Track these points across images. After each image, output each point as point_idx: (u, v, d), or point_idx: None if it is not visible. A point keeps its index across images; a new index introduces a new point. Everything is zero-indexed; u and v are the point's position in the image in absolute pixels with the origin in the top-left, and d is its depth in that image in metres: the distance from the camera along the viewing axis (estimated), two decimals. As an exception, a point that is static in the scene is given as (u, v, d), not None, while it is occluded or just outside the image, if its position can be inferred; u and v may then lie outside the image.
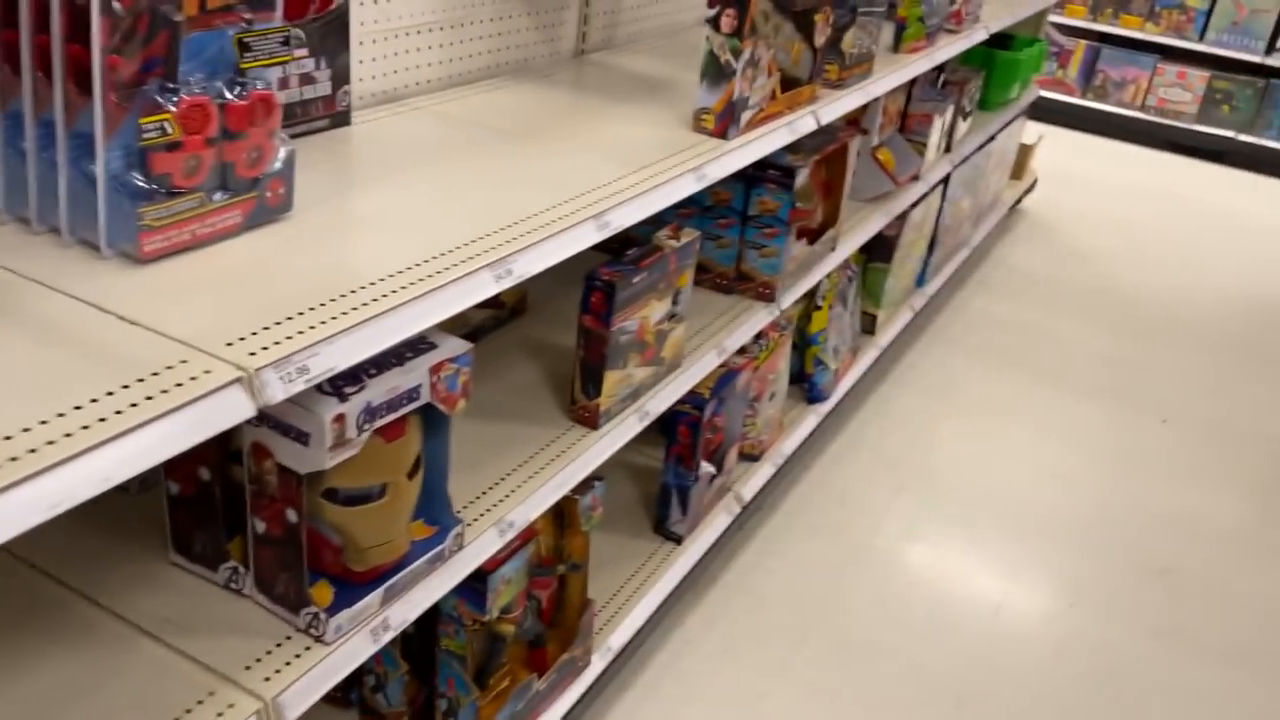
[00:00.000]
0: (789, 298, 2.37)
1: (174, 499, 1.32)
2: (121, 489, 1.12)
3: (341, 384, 1.17)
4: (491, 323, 2.09)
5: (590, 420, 1.77)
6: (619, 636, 2.10)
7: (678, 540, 2.37)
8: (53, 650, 1.22)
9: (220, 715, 1.15)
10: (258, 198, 1.26)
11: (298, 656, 1.24)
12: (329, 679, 1.25)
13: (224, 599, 1.32)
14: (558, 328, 2.12)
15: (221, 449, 1.27)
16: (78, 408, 0.90)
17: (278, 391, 1.02)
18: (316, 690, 1.23)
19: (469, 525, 1.49)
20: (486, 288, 1.29)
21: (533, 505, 1.62)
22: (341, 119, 1.69)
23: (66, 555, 1.36)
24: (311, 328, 1.09)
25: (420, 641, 1.76)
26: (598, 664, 2.03)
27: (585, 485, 1.81)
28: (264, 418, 1.16)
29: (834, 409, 3.09)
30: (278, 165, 1.27)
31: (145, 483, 1.47)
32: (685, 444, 2.27)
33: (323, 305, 1.14)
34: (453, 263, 1.29)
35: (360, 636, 1.30)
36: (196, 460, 1.27)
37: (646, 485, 2.48)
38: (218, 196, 1.21)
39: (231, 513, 1.29)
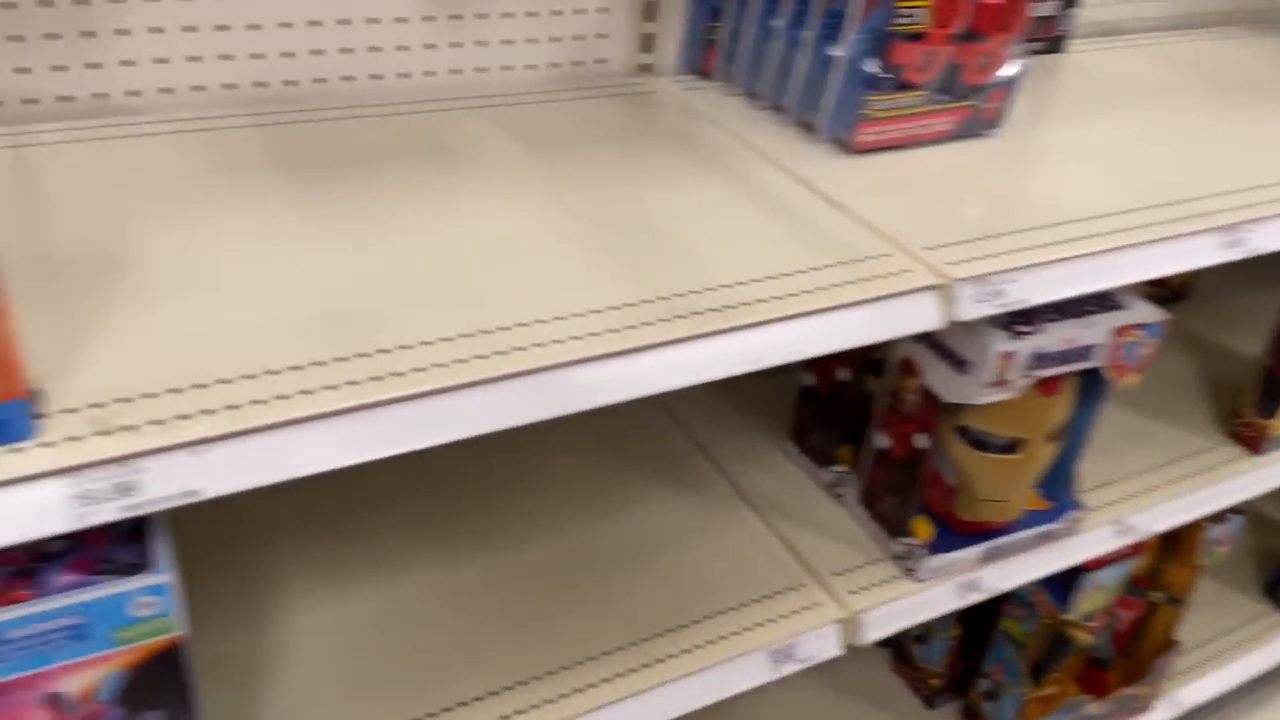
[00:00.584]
0: None
1: (806, 390, 1.34)
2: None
3: (1016, 321, 1.07)
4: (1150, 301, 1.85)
5: (1254, 442, 1.49)
6: (1193, 694, 1.80)
7: (1294, 613, 1.97)
8: (667, 495, 1.31)
9: (805, 610, 1.15)
10: (975, 107, 1.19)
11: (885, 582, 1.20)
12: (909, 617, 1.20)
13: (823, 500, 1.32)
14: (1225, 324, 1.82)
15: (864, 354, 1.25)
16: (786, 274, 0.91)
17: (969, 309, 0.95)
18: (895, 623, 1.19)
19: (1086, 514, 1.33)
20: (1209, 253, 1.10)
21: (1160, 516, 1.40)
22: (1056, 44, 1.56)
23: (701, 413, 1.45)
24: (1010, 252, 1.00)
25: (981, 612, 1.65)
26: (1161, 714, 1.77)
27: (1221, 515, 1.54)
28: (927, 336, 1.11)
29: None
30: (1004, 76, 1.19)
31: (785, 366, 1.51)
32: (1346, 507, 1.85)
33: (1022, 232, 1.04)
34: (1171, 217, 1.11)
35: (947, 587, 1.23)
36: (841, 359, 1.26)
37: (1267, 539, 2.09)
38: (940, 97, 1.16)
39: (854, 419, 1.27)
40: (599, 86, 1.30)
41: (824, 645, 1.14)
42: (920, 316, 0.93)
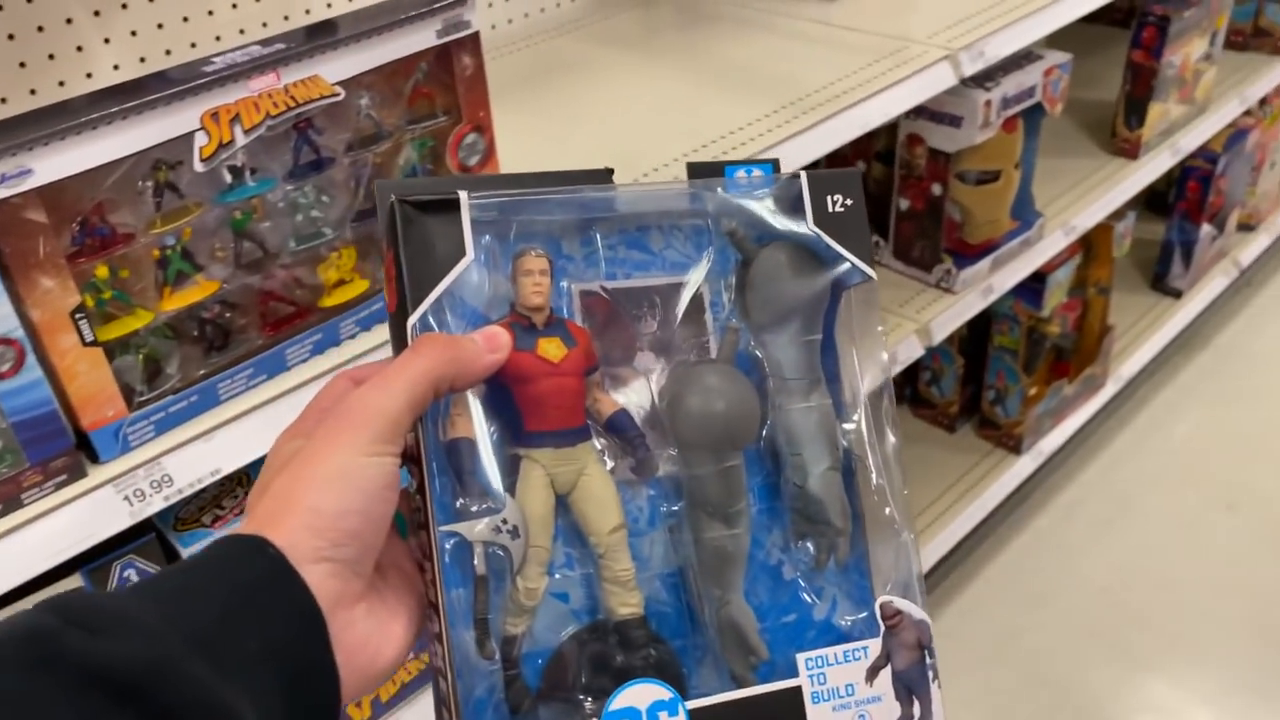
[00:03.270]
0: (1309, 52, 2.41)
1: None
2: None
3: (982, 80, 1.52)
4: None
5: (1131, 151, 2.01)
6: (1130, 367, 2.35)
7: (1177, 295, 2.55)
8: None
9: (893, 329, 1.58)
10: (902, -53, 1.63)
11: (935, 300, 1.65)
12: (955, 320, 1.65)
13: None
14: (1095, 76, 2.32)
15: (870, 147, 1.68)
16: (850, 74, 1.33)
17: (967, 68, 1.39)
18: (948, 326, 1.64)
19: (1046, 220, 1.81)
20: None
21: (1087, 216, 1.90)
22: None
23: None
24: (980, 25, 1.44)
25: (974, 343, 2.13)
26: (1111, 387, 2.31)
27: (1121, 213, 2.06)
28: (920, 111, 1.54)
29: (1332, 188, 3.03)
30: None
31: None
32: (1194, 199, 2.43)
33: (981, 11, 1.49)
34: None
35: (974, 293, 1.69)
36: (864, 150, 1.69)
37: (1140, 254, 2.65)
38: (882, -56, 1.59)
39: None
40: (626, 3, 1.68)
41: (912, 349, 1.58)
42: (942, 78, 1.37)
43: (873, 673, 0.52)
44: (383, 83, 0.97)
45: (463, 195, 0.50)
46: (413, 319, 0.49)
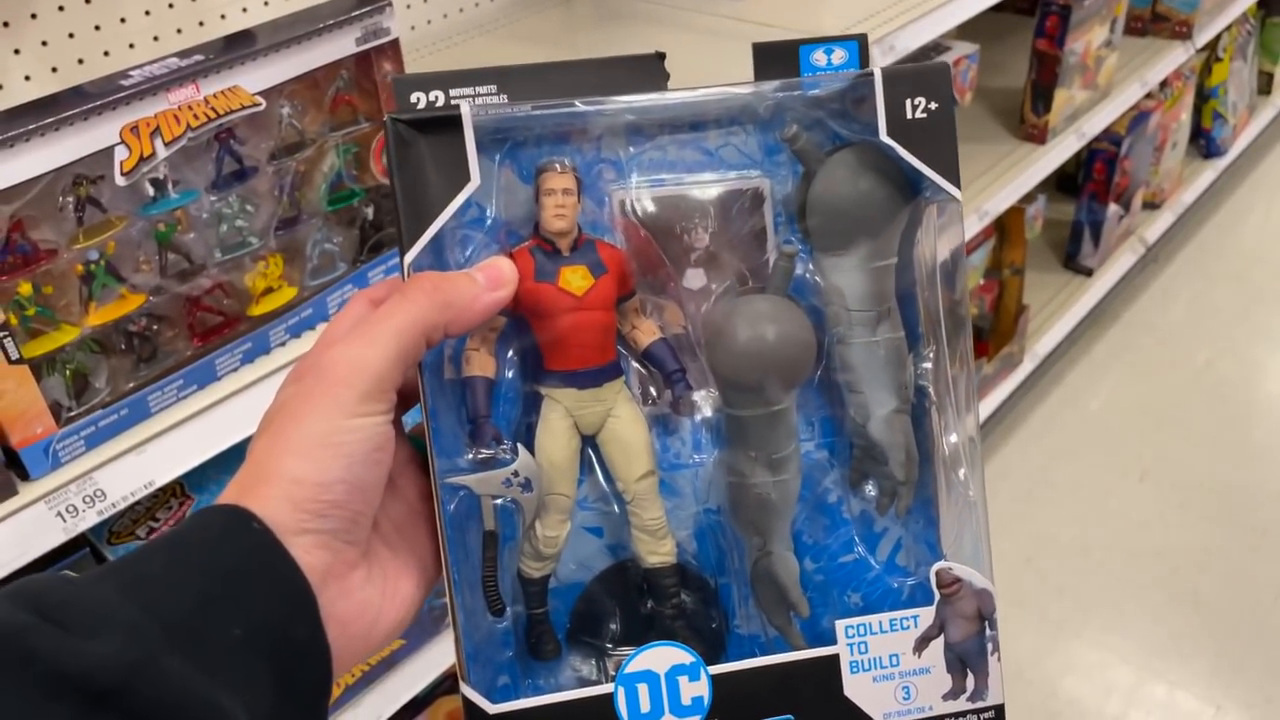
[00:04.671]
0: (1204, 36, 2.51)
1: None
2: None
3: (894, 73, 1.57)
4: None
5: (1039, 136, 2.08)
6: (1045, 344, 2.44)
7: (1088, 273, 2.65)
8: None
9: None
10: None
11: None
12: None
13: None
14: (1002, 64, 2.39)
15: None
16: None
17: (878, 61, 1.43)
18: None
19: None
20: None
21: (998, 201, 1.97)
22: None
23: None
24: (892, 19, 1.49)
25: (896, 326, 2.19)
26: (1028, 365, 2.39)
27: (1031, 196, 2.13)
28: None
29: (1230, 166, 3.17)
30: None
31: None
32: (1100, 181, 2.52)
33: (891, 7, 1.53)
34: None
35: (893, 279, 1.74)
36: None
37: (1052, 234, 2.74)
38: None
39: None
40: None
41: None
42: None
43: (922, 643, 0.47)
44: (304, 91, 0.97)
45: (465, 108, 0.44)
46: (410, 256, 0.44)
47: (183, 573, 0.38)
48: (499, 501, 0.45)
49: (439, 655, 1.25)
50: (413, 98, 0.45)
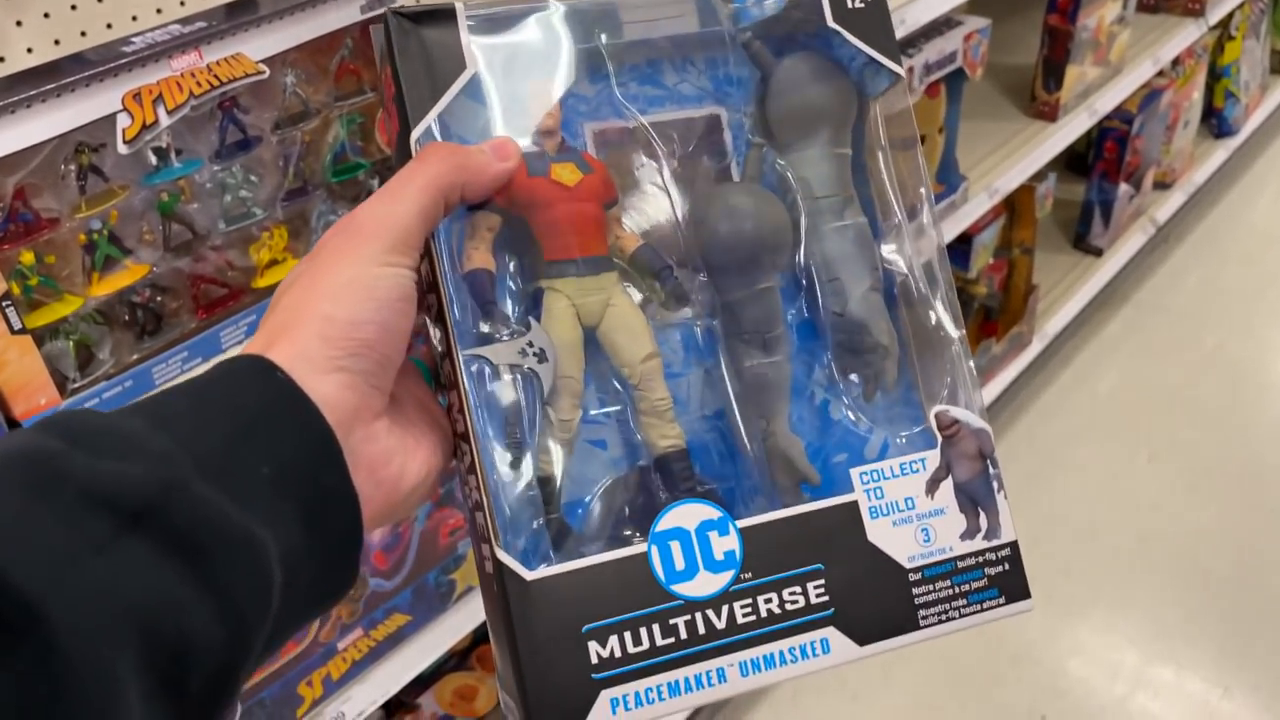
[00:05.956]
0: (1216, 14, 2.48)
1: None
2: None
3: (904, 46, 1.55)
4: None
5: (1050, 114, 2.06)
6: (1054, 324, 2.42)
7: (1098, 253, 2.63)
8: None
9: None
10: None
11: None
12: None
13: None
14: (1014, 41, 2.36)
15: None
16: None
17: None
18: (880, 288, 1.67)
19: (970, 183, 1.85)
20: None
21: (1009, 179, 1.95)
22: None
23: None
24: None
25: (904, 305, 2.18)
26: (1036, 345, 2.38)
27: (1042, 175, 2.11)
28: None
29: (1242, 145, 3.14)
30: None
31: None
32: (1111, 159, 2.50)
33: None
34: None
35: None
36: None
37: (1061, 214, 2.72)
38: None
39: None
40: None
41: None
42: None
43: (933, 485, 0.49)
44: (308, 60, 0.96)
45: (458, 5, 0.48)
46: (416, 132, 0.46)
47: (210, 413, 0.38)
48: (518, 370, 0.46)
49: (445, 632, 1.25)
50: None
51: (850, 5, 0.52)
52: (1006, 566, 0.50)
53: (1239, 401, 2.43)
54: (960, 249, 1.98)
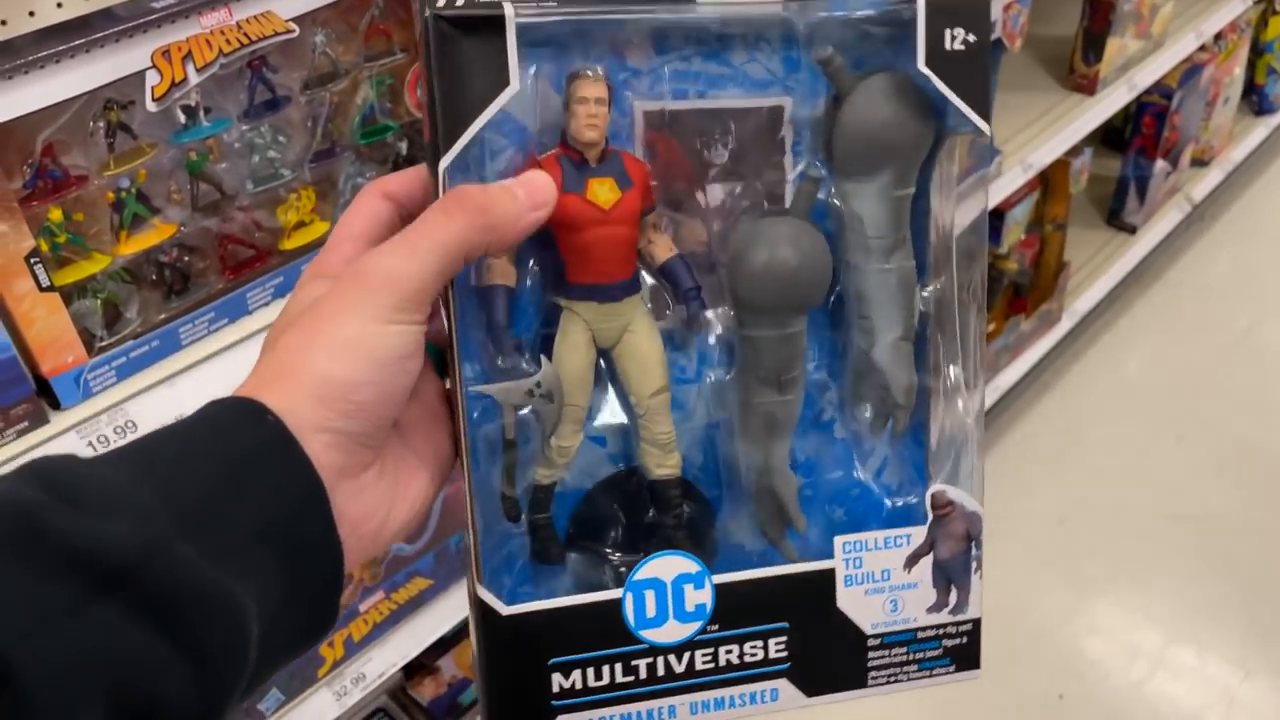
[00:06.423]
0: (1264, -13, 2.42)
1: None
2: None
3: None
4: None
5: (1089, 87, 2.02)
6: (1084, 302, 2.39)
7: (1131, 230, 2.59)
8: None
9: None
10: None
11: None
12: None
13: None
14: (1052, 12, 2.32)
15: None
16: None
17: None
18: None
19: (1004, 157, 1.82)
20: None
21: (1044, 153, 1.92)
22: None
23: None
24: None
25: (932, 279, 2.15)
26: (1066, 322, 2.35)
27: (1078, 149, 2.08)
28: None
29: (1283, 123, 3.07)
30: None
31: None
32: (1149, 135, 2.45)
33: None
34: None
35: (933, 231, 1.70)
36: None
37: (1095, 190, 2.67)
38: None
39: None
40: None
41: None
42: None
43: (913, 560, 0.49)
44: (338, 19, 0.95)
45: (508, 9, 0.42)
46: (445, 162, 0.43)
47: (194, 461, 0.38)
48: (521, 411, 0.46)
49: (466, 596, 1.25)
50: None
51: (949, 46, 0.46)
52: (964, 640, 0.51)
53: (1271, 384, 2.39)
54: (992, 224, 1.95)
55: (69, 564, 0.33)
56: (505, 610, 0.45)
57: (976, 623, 0.51)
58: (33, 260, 0.79)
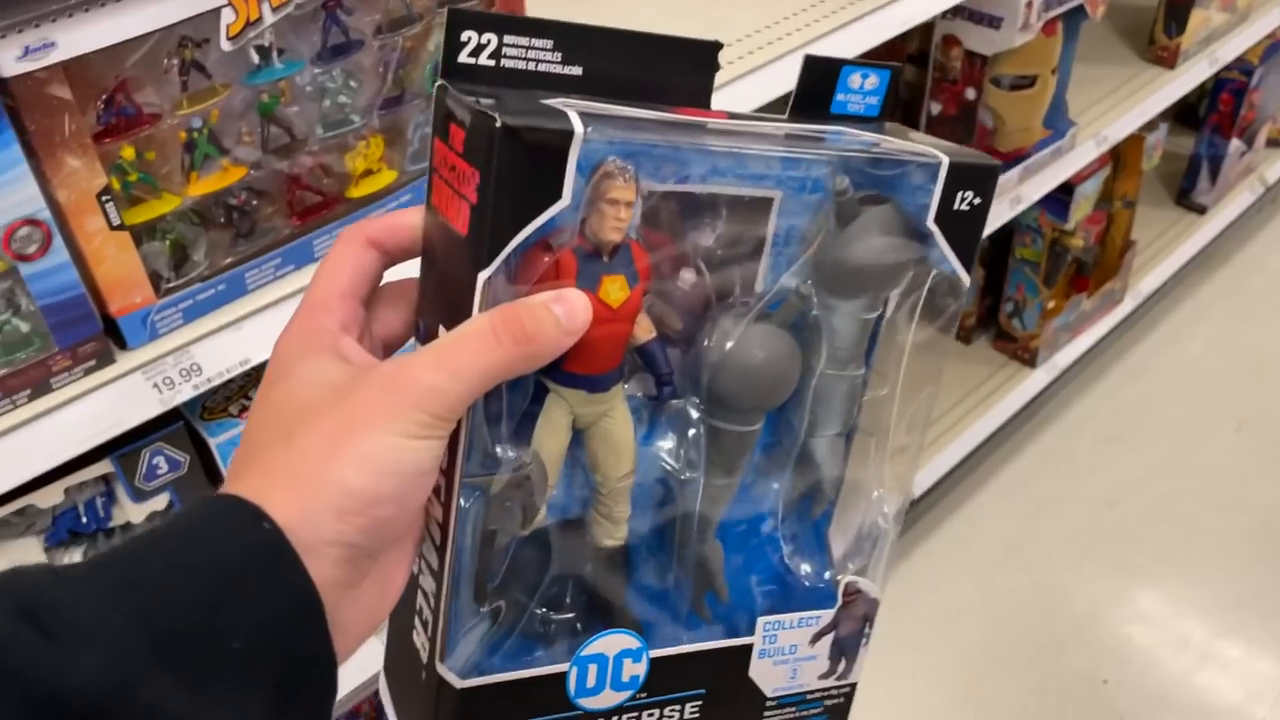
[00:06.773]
0: (1358, -39, 2.32)
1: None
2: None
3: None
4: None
5: (1169, 60, 1.95)
6: (1149, 283, 2.33)
7: (1201, 211, 2.51)
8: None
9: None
10: None
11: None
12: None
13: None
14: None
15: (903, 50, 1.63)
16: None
17: (1014, -35, 1.33)
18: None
19: (1079, 130, 1.77)
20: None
21: (1120, 127, 1.86)
22: None
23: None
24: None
25: (994, 254, 2.11)
26: (1129, 303, 2.29)
27: (1153, 124, 2.01)
28: (959, 10, 1.49)
29: (1365, 105, 2.96)
30: None
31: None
32: (1226, 112, 2.37)
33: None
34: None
35: (1000, 205, 1.66)
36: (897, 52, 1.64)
37: (1166, 168, 2.60)
38: None
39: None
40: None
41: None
42: (986, -23, 1.31)
43: (818, 637, 0.55)
44: (414, -38, 0.93)
45: (576, 125, 0.41)
46: (485, 274, 0.42)
47: (180, 575, 0.36)
48: (504, 502, 0.46)
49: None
50: (464, 36, 0.43)
51: (957, 206, 0.49)
52: (842, 700, 0.58)
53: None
54: (1061, 198, 1.90)
55: (37, 708, 0.32)
56: (460, 684, 0.47)
57: (854, 685, 0.58)
58: (104, 198, 0.79)
